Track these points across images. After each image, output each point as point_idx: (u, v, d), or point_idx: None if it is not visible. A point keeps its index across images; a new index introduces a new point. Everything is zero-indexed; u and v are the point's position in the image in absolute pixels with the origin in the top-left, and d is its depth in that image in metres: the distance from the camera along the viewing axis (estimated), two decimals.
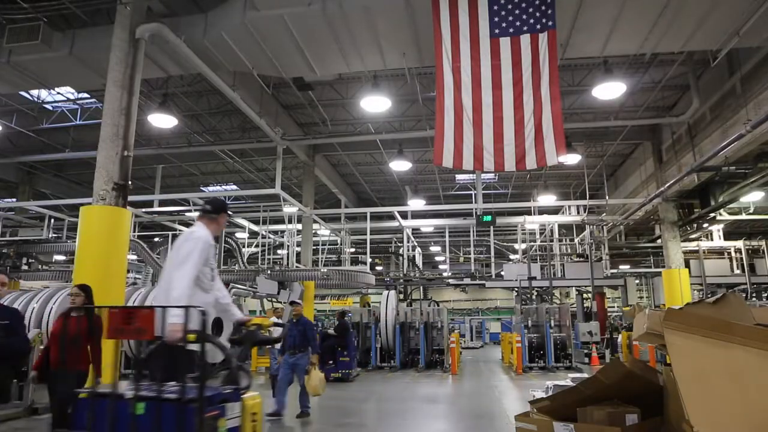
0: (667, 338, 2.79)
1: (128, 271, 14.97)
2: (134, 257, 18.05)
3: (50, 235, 18.02)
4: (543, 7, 8.18)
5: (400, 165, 16.50)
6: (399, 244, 25.29)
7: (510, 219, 21.30)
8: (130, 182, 8.35)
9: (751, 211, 19.50)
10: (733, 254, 20.98)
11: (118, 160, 8.20)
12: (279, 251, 24.14)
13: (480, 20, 8.31)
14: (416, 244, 25.63)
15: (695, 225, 18.12)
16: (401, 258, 24.42)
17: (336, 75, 12.64)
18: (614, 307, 30.83)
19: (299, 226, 18.17)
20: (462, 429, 6.95)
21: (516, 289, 21.15)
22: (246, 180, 21.27)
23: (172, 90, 13.67)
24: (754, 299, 19.81)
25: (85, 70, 10.61)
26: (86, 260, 7.86)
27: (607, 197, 18.78)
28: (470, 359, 20.07)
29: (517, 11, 8.24)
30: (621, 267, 24.42)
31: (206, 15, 9.73)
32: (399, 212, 19.01)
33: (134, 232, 17.43)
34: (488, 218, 16.60)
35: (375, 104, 12.26)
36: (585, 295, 22.65)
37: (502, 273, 21.47)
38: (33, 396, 7.31)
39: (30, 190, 19.59)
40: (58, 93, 14.43)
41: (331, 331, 13.49)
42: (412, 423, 7.14)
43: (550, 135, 8.03)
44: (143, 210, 17.91)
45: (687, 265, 17.29)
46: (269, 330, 3.92)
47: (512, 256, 26.45)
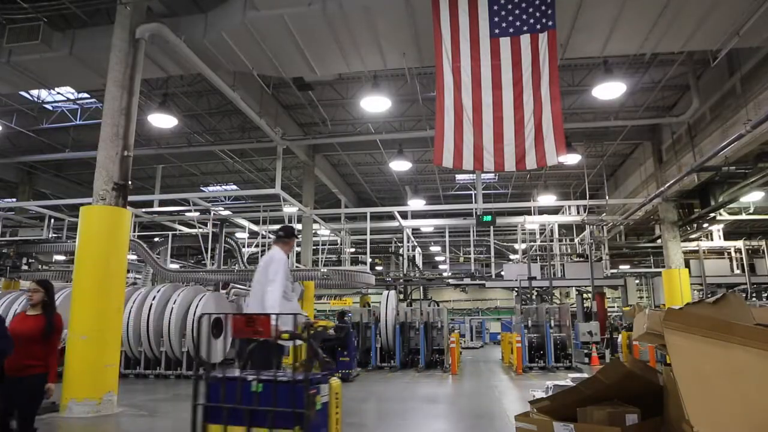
0: (667, 338, 2.79)
1: (128, 271, 14.97)
2: (134, 257, 18.06)
3: (50, 235, 18.01)
4: (543, 7, 8.18)
5: (400, 165, 16.51)
6: (399, 244, 25.29)
7: (510, 219, 21.31)
8: (130, 182, 8.37)
9: (751, 211, 19.52)
10: (733, 254, 20.98)
11: (118, 160, 8.22)
12: None
13: (480, 20, 8.32)
14: (416, 244, 25.63)
15: (695, 225, 18.12)
16: (401, 258, 24.41)
17: (336, 75, 12.64)
18: (614, 307, 30.83)
19: (299, 226, 18.17)
20: (462, 429, 6.95)
21: (516, 289, 21.13)
22: (246, 180, 21.27)
23: (172, 90, 13.67)
24: (754, 299, 19.82)
25: (85, 70, 10.63)
26: (86, 260, 7.88)
27: (607, 197, 18.79)
28: (470, 359, 20.06)
29: (517, 11, 8.25)
30: (621, 267, 24.43)
31: (206, 15, 9.75)
32: (399, 212, 19.01)
33: (134, 232, 17.42)
34: (488, 218, 16.61)
35: (375, 104, 12.27)
36: (585, 295, 22.64)
37: (502, 273, 21.45)
38: None
39: (30, 190, 19.58)
40: (58, 93, 14.43)
41: (331, 332, 13.46)
42: (413, 423, 7.13)
43: (550, 135, 8.04)
44: (143, 210, 17.93)
45: (687, 265, 17.29)
46: (330, 330, 4.82)
47: (512, 256, 26.45)
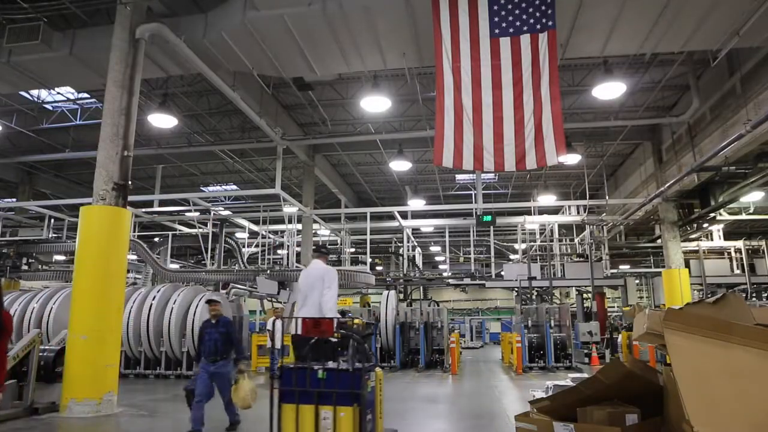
0: (667, 338, 2.79)
1: (128, 271, 14.97)
2: (134, 257, 18.06)
3: (50, 235, 18.04)
4: (543, 7, 8.18)
5: (400, 165, 16.51)
6: (399, 244, 25.29)
7: (510, 219, 21.31)
8: (130, 182, 8.37)
9: (751, 211, 19.51)
10: (733, 254, 21.00)
11: (118, 160, 8.22)
12: (279, 251, 24.14)
13: (480, 20, 8.31)
14: (416, 244, 25.63)
15: (695, 225, 18.12)
16: (401, 258, 24.41)
17: (336, 75, 12.64)
18: (614, 307, 30.81)
19: (299, 226, 18.17)
20: (462, 429, 6.94)
21: (516, 289, 21.13)
22: (246, 180, 21.28)
23: (172, 90, 13.67)
24: (754, 299, 19.82)
25: (85, 70, 10.63)
26: (86, 260, 7.89)
27: (607, 197, 18.79)
28: (470, 359, 20.05)
29: (517, 11, 8.25)
30: (621, 267, 24.44)
31: (206, 15, 9.74)
32: (399, 212, 19.01)
33: (134, 232, 17.43)
34: (488, 218, 16.60)
35: (375, 104, 12.26)
36: (585, 295, 22.64)
37: (502, 273, 21.45)
38: (33, 396, 7.31)
39: (30, 190, 19.58)
40: (58, 93, 14.43)
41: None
42: (413, 423, 7.13)
43: (550, 135, 8.03)
44: (143, 210, 17.93)
45: (687, 265, 17.30)
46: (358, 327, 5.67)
47: (512, 256, 26.46)
